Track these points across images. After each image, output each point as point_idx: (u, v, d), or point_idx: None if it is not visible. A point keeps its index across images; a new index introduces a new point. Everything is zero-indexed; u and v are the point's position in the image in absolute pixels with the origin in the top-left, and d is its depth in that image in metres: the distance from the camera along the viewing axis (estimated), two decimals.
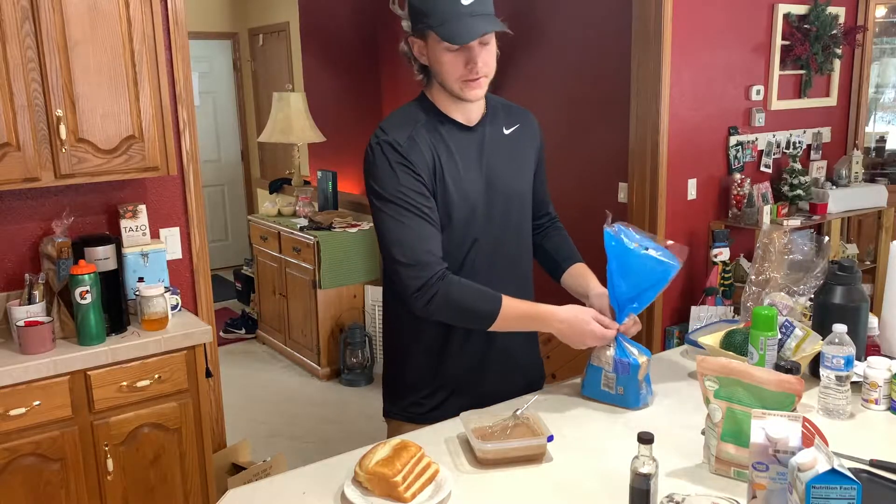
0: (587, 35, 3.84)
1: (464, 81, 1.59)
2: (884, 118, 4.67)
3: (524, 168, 1.78)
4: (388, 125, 1.64)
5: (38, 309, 2.32)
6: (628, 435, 1.52)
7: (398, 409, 1.81)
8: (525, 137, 1.79)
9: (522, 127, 1.79)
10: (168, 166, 2.50)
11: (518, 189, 1.75)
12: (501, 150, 1.72)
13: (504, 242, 1.73)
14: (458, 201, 1.63)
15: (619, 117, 3.66)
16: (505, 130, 1.75)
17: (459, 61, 1.57)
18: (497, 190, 1.70)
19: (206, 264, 2.88)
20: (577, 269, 1.85)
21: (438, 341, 1.72)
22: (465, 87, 1.59)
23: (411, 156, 1.59)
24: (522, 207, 1.78)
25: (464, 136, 1.68)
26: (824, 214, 3.90)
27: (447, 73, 1.59)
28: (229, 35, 6.71)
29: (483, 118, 1.71)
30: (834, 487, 1.09)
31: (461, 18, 1.52)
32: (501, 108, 1.78)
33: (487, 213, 1.68)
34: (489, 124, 1.72)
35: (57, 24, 2.23)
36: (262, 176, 6.71)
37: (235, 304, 5.97)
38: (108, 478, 2.30)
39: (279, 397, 4.36)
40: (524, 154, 1.79)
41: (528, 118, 1.83)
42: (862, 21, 4.18)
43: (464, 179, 1.65)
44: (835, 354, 1.60)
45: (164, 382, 2.37)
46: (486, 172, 1.68)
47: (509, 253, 1.75)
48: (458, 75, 1.58)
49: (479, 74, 1.58)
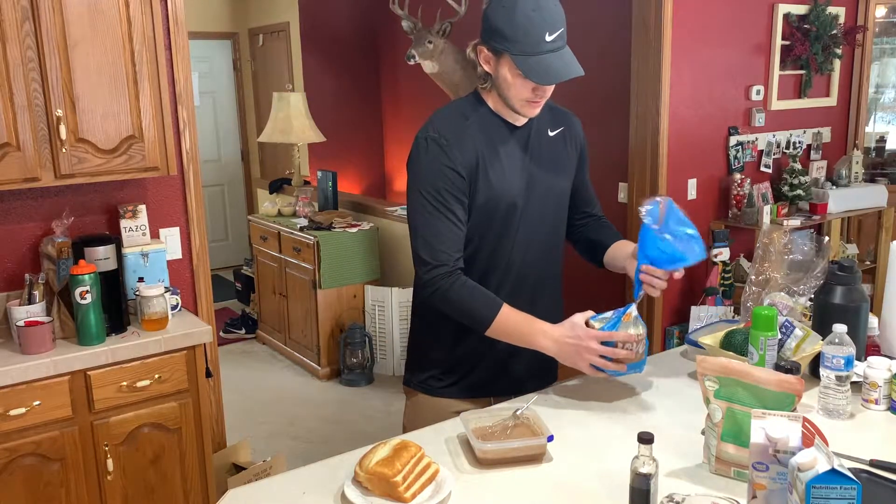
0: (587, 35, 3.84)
1: (526, 102, 1.64)
2: (884, 118, 4.67)
3: (566, 170, 1.83)
4: (438, 120, 1.69)
5: (38, 309, 2.32)
6: (628, 435, 1.52)
7: (417, 381, 1.86)
8: (569, 140, 1.84)
9: (567, 130, 1.83)
10: (168, 166, 2.50)
11: (557, 190, 1.80)
12: (544, 152, 1.77)
13: (540, 240, 1.78)
14: (499, 197, 1.68)
15: (619, 117, 3.66)
16: (550, 132, 1.79)
17: (528, 87, 1.61)
18: (537, 189, 1.74)
19: (206, 264, 2.88)
20: (618, 244, 1.90)
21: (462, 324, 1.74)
22: (525, 106, 1.65)
23: (453, 154, 1.63)
24: (560, 208, 1.83)
25: (511, 135, 1.72)
26: (824, 214, 3.90)
27: (513, 94, 1.64)
28: (229, 35, 6.71)
29: (530, 119, 1.74)
30: (834, 487, 1.09)
31: (543, 56, 1.55)
32: (548, 109, 1.79)
33: (526, 211, 1.73)
34: (535, 125, 1.76)
35: (57, 24, 2.23)
36: (262, 176, 6.71)
37: (235, 304, 5.97)
38: (108, 478, 2.30)
39: (279, 397, 4.36)
40: (566, 156, 1.83)
41: (572, 120, 1.87)
42: (862, 21, 4.18)
43: (507, 177, 1.69)
44: (835, 354, 1.60)
45: (164, 382, 2.37)
46: (528, 171, 1.73)
47: (544, 250, 1.80)
48: (523, 98, 1.63)
49: (541, 100, 1.64)
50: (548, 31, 1.55)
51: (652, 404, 1.72)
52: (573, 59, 1.60)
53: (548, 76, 1.57)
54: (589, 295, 2.02)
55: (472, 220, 1.69)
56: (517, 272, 1.76)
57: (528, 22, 1.54)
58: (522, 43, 1.55)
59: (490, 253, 1.73)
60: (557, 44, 1.57)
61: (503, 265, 1.75)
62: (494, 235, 1.72)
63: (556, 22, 1.56)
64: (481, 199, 1.67)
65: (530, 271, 1.78)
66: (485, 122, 1.70)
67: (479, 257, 1.73)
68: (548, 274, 1.84)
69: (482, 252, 1.72)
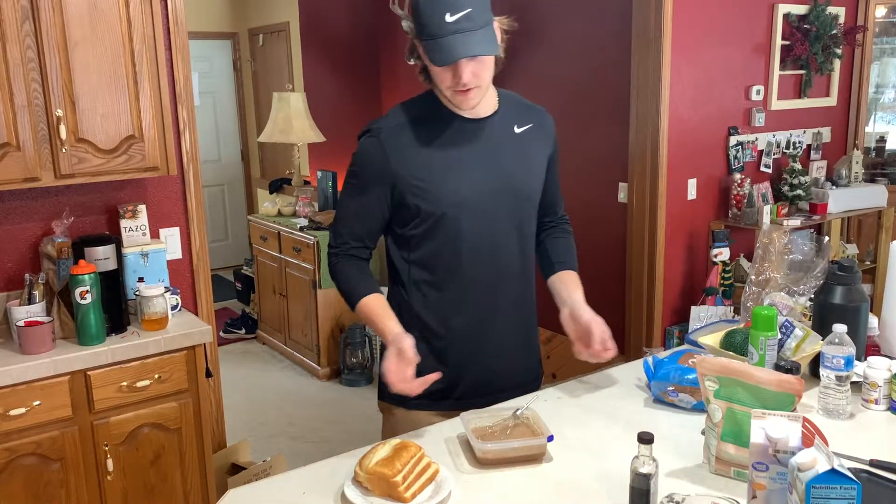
0: (587, 35, 3.84)
1: (454, 91, 1.58)
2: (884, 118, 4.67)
3: (534, 168, 1.76)
4: (387, 116, 1.69)
5: (38, 309, 2.32)
6: (628, 435, 1.52)
7: (389, 392, 1.71)
8: (538, 137, 1.77)
9: (536, 127, 1.76)
10: (168, 166, 2.50)
11: (525, 189, 1.74)
12: (510, 149, 1.71)
13: (507, 241, 1.72)
14: (448, 193, 1.63)
15: (619, 117, 3.66)
16: (516, 129, 1.73)
17: (447, 73, 1.56)
18: (503, 188, 1.68)
19: (206, 264, 2.88)
20: (566, 276, 1.81)
21: (432, 330, 1.72)
22: (455, 96, 1.60)
23: (388, 148, 1.62)
24: (528, 207, 1.76)
25: (469, 129, 1.67)
26: (824, 214, 3.90)
27: (438, 83, 1.61)
28: (229, 35, 6.70)
29: (493, 113, 1.70)
30: (834, 487, 1.09)
31: (445, 37, 1.50)
32: (516, 106, 1.76)
33: (489, 210, 1.67)
34: (500, 120, 1.71)
35: (57, 24, 2.23)
36: (262, 176, 6.71)
37: (235, 304, 5.97)
38: (108, 478, 2.30)
39: (279, 397, 4.36)
40: (535, 154, 1.76)
41: (543, 118, 1.80)
42: (862, 21, 4.18)
43: (459, 172, 1.65)
44: (835, 354, 1.60)
45: (164, 382, 2.37)
46: (491, 169, 1.67)
47: (511, 251, 1.73)
48: (446, 85, 1.58)
49: (469, 87, 1.56)
50: (448, 12, 1.48)
51: (652, 404, 1.72)
52: (483, 38, 1.51)
53: (442, 56, 1.51)
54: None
55: (414, 216, 1.66)
56: (485, 273, 1.70)
57: (429, 3, 1.50)
58: (426, 25, 1.51)
59: (451, 252, 1.67)
60: (462, 25, 1.49)
61: (467, 265, 1.68)
62: (451, 234, 1.66)
63: (458, 2, 1.49)
64: (424, 194, 1.63)
65: (496, 272, 1.71)
66: (435, 118, 1.66)
67: (435, 260, 1.69)
68: (517, 273, 1.76)
69: (436, 253, 1.68)
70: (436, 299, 1.71)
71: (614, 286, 3.79)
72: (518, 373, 1.82)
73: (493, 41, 1.54)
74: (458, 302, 1.70)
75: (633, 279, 3.66)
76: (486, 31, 1.53)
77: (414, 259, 1.70)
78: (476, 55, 1.51)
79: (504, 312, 1.74)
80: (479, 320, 1.72)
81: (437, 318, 1.71)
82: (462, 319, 1.71)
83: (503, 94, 1.74)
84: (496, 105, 1.71)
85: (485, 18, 1.53)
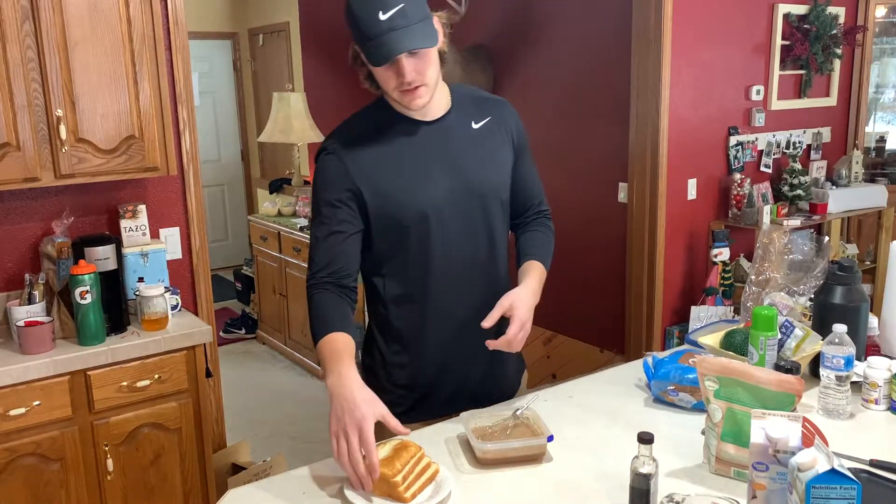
0: (587, 35, 3.84)
1: (400, 92, 1.52)
2: (884, 118, 4.67)
3: (496, 164, 1.69)
4: (338, 131, 1.63)
5: (38, 309, 2.32)
6: (628, 435, 1.52)
7: None
8: (497, 130, 1.69)
9: (494, 119, 1.69)
10: (168, 166, 2.50)
11: (488, 187, 1.66)
12: (469, 146, 1.64)
13: (473, 244, 1.66)
14: (410, 201, 1.58)
15: (619, 117, 3.66)
16: (474, 125, 1.66)
17: (390, 74, 1.50)
18: (463, 188, 1.62)
19: (206, 264, 2.88)
20: (527, 266, 1.70)
21: (406, 342, 1.67)
22: (402, 97, 1.53)
23: (348, 161, 1.57)
24: (495, 206, 1.68)
25: (423, 132, 1.62)
26: (824, 214, 3.90)
27: (384, 85, 1.55)
28: (229, 35, 6.71)
29: (447, 112, 1.64)
30: (834, 487, 1.09)
31: (380, 36, 1.44)
32: (471, 101, 1.69)
33: (452, 214, 1.61)
34: (455, 118, 1.65)
35: (57, 24, 2.23)
36: (262, 176, 6.71)
37: (235, 304, 5.97)
38: (108, 478, 2.30)
39: (279, 397, 4.36)
40: (496, 149, 1.69)
41: (501, 109, 1.72)
42: (862, 21, 4.18)
43: (420, 180, 1.59)
44: (835, 354, 1.60)
45: (164, 382, 2.37)
46: (452, 171, 1.61)
47: (479, 256, 1.67)
48: (392, 87, 1.52)
49: (413, 85, 1.50)
50: (380, 11, 1.43)
51: (652, 404, 1.72)
52: (420, 32, 1.46)
53: (379, 56, 1.45)
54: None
55: (382, 229, 1.60)
56: (453, 286, 1.63)
57: (360, 5, 1.45)
58: (360, 27, 1.45)
59: (417, 263, 1.62)
60: (397, 22, 1.43)
61: (436, 276, 1.62)
62: (411, 244, 1.61)
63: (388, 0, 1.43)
64: (389, 205, 1.58)
65: (466, 282, 1.64)
66: (388, 125, 1.61)
67: (404, 272, 1.64)
68: (489, 280, 1.68)
69: (405, 265, 1.62)
70: (409, 311, 1.66)
71: (614, 286, 3.79)
72: (498, 376, 1.77)
73: (432, 34, 1.49)
74: (432, 311, 1.64)
75: (633, 279, 3.66)
76: (424, 26, 1.47)
77: (385, 273, 1.65)
78: (413, 49, 1.46)
79: (479, 316, 1.56)
80: (455, 327, 1.66)
81: (411, 331, 1.67)
82: (437, 329, 1.66)
83: (456, 89, 1.68)
84: (449, 103, 1.65)
85: (420, 13, 1.47)
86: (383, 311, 1.69)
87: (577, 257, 3.92)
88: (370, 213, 1.60)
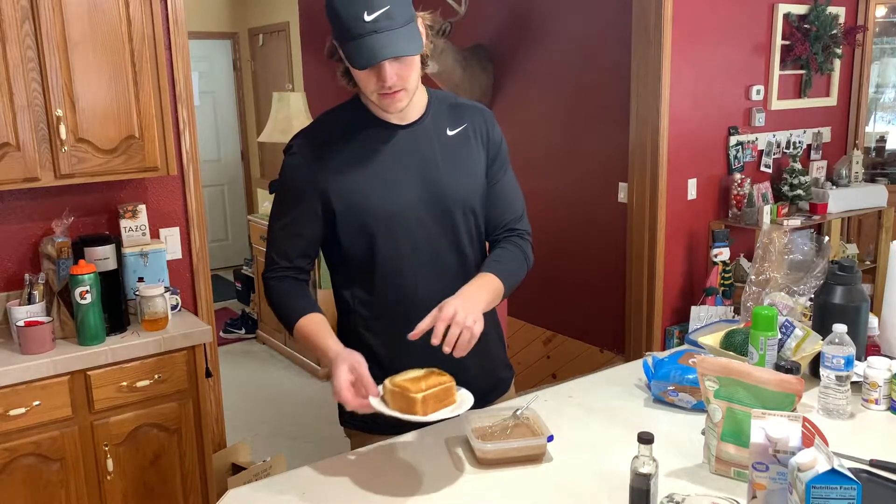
0: (587, 34, 3.84)
1: (379, 95, 1.49)
2: (884, 118, 4.67)
3: (469, 173, 1.64)
4: (306, 131, 1.62)
5: (38, 309, 2.32)
6: (628, 435, 1.52)
7: (348, 416, 1.66)
8: (473, 137, 1.65)
9: (471, 126, 1.66)
10: (168, 166, 2.50)
11: (462, 196, 1.62)
12: (441, 153, 1.61)
13: (444, 256, 1.62)
14: (377, 205, 1.55)
15: (619, 117, 3.66)
16: (449, 131, 1.63)
17: (371, 77, 1.47)
18: (436, 197, 1.59)
19: (206, 264, 2.88)
20: (478, 277, 1.59)
21: (379, 354, 1.63)
22: (381, 100, 1.50)
23: (315, 162, 1.56)
24: (466, 217, 1.63)
25: (398, 136, 1.59)
26: (824, 214, 3.90)
27: (363, 87, 1.52)
28: (229, 35, 6.71)
29: (422, 116, 1.61)
30: (834, 487, 1.09)
31: (363, 38, 1.40)
32: (447, 107, 1.65)
33: (424, 223, 1.59)
34: (430, 124, 1.61)
35: (57, 24, 2.23)
36: (262, 176, 6.71)
37: (235, 304, 5.97)
38: (108, 478, 2.30)
39: (279, 397, 4.36)
40: (471, 156, 1.64)
41: (478, 116, 1.68)
42: (862, 21, 4.18)
43: (390, 185, 1.56)
44: (835, 354, 1.60)
45: (164, 382, 2.37)
46: (423, 178, 1.58)
47: (450, 267, 1.63)
48: (371, 89, 1.49)
49: (394, 89, 1.47)
50: (365, 11, 1.39)
51: (652, 404, 1.72)
52: (406, 37, 1.43)
53: (363, 59, 1.41)
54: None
55: (349, 234, 1.58)
56: (425, 294, 1.56)
57: (343, 4, 1.41)
58: (343, 26, 1.42)
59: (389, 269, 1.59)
60: (382, 24, 1.39)
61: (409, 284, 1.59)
62: (378, 251, 1.57)
63: (374, 1, 1.40)
64: (355, 209, 1.56)
65: (439, 291, 1.53)
66: (361, 126, 1.58)
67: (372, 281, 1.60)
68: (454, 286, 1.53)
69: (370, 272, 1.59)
70: (380, 322, 1.63)
71: (614, 286, 3.79)
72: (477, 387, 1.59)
73: (417, 39, 1.46)
74: (403, 322, 1.50)
75: (633, 279, 3.66)
76: (409, 29, 1.44)
77: (355, 284, 1.63)
78: (398, 55, 1.43)
79: None
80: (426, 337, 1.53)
81: (383, 341, 1.64)
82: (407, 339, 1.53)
83: (434, 94, 1.65)
84: (425, 107, 1.62)
85: (406, 16, 1.44)
86: (354, 323, 1.67)
87: (577, 257, 3.92)
88: (337, 216, 1.58)
